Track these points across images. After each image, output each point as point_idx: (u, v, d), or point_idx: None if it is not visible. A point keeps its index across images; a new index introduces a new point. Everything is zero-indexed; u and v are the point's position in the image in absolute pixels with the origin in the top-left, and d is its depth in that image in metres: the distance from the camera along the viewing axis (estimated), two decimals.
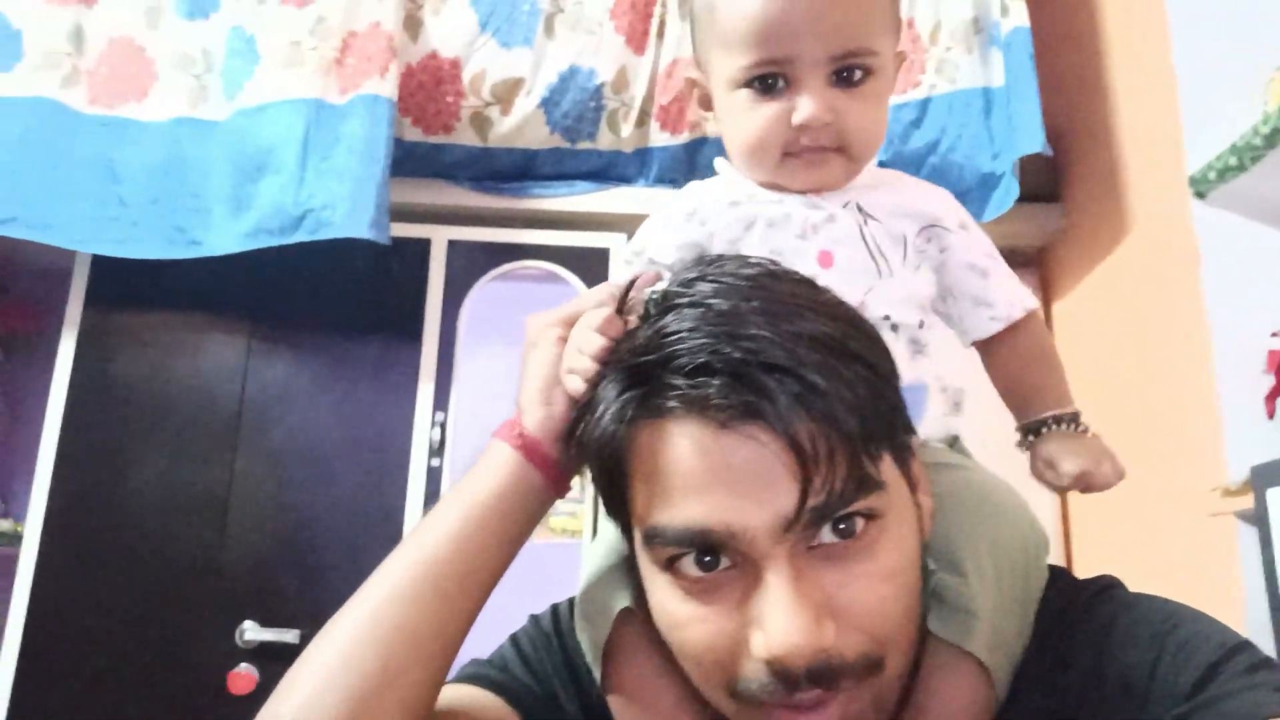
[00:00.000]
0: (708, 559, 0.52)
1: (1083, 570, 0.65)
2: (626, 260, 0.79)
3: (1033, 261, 2.25)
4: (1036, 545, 0.65)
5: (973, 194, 1.94)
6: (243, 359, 2.15)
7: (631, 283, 0.64)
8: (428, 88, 2.13)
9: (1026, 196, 1.92)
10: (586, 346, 0.60)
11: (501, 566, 0.62)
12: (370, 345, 2.17)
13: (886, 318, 0.71)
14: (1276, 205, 1.47)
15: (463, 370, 2.16)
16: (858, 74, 0.72)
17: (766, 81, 0.72)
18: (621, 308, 0.62)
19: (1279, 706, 0.48)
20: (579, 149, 2.21)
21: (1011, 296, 0.77)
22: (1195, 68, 1.60)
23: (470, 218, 2.24)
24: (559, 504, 0.66)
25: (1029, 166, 1.94)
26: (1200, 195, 1.49)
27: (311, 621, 1.97)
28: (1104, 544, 1.81)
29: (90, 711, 1.95)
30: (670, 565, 0.54)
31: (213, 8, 2.09)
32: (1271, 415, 1.29)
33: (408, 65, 2.12)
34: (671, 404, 0.52)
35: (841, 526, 0.51)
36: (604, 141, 2.20)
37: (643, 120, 2.20)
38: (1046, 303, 2.21)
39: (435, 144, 2.15)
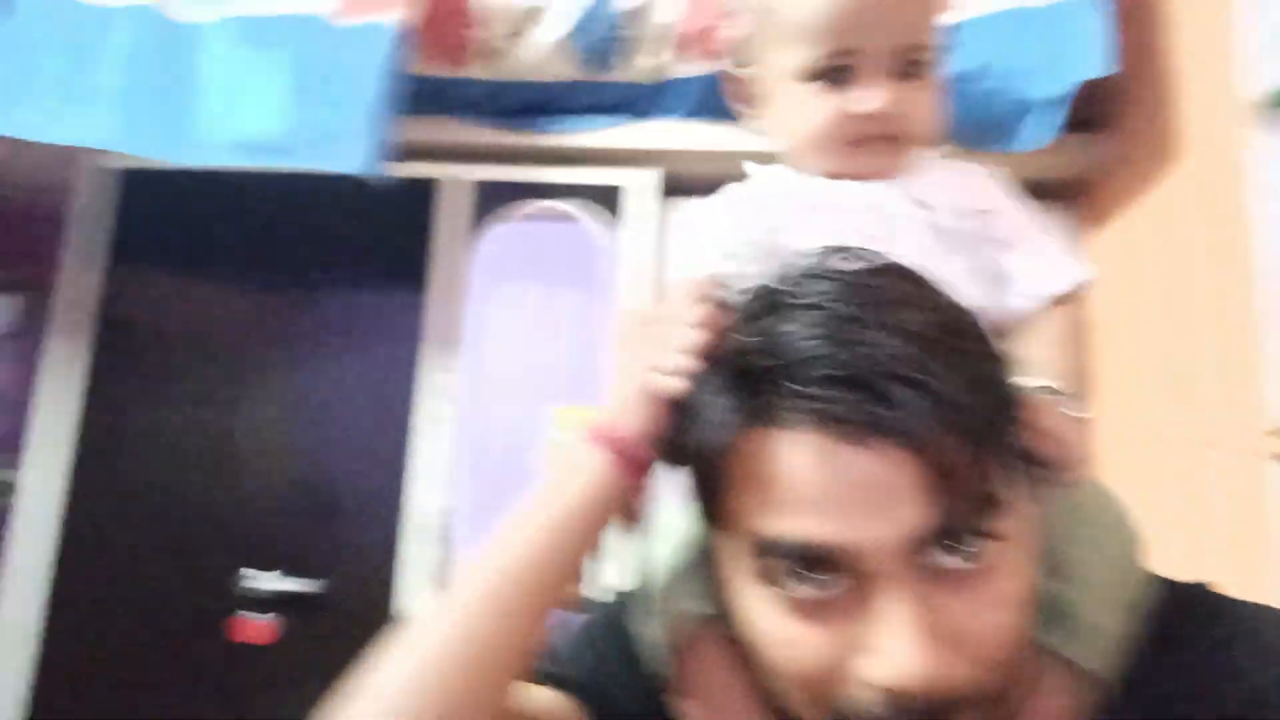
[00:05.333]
0: (822, 576, 0.50)
1: None
2: (684, 264, 0.80)
3: (1068, 193, 2.14)
4: (1135, 543, 0.64)
5: (1007, 123, 1.83)
6: (255, 306, 2.12)
7: (716, 280, 0.62)
8: (437, 18, 2.03)
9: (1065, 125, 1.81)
10: (686, 343, 0.57)
11: (577, 579, 0.61)
12: (376, 289, 2.12)
13: None
14: None
15: (474, 315, 2.10)
16: (917, 67, 0.78)
17: (834, 72, 0.78)
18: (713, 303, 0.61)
19: None
20: (598, 81, 2.11)
21: (1043, 275, 0.77)
22: None
23: (482, 155, 2.16)
24: None
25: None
26: (1258, 122, 1.39)
27: (333, 572, 1.98)
28: (1130, 481, 1.74)
29: (118, 654, 1.98)
30: (776, 579, 0.51)
31: None
32: None
33: None
34: (791, 414, 0.50)
35: (967, 549, 0.49)
36: (625, 73, 2.10)
37: (666, 50, 2.09)
38: (1084, 235, 2.11)
39: (443, 78, 2.06)
